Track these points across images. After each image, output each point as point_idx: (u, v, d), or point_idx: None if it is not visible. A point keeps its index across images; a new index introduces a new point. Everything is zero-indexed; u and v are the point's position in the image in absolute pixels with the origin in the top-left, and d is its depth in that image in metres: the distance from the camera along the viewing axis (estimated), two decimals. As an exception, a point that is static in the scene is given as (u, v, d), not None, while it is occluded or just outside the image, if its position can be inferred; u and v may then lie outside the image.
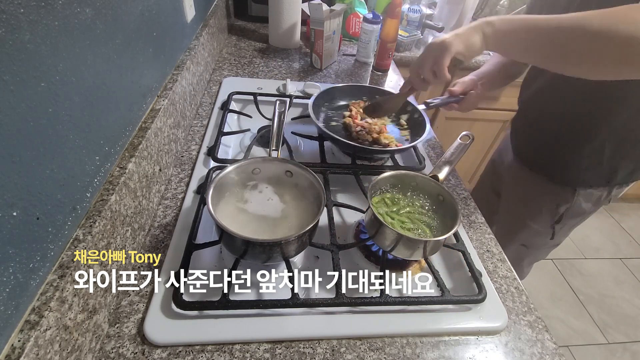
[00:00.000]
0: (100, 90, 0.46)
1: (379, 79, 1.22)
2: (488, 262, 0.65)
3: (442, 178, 0.63)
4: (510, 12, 1.92)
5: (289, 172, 0.61)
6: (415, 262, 0.62)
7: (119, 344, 0.46)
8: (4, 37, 0.30)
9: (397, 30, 1.17)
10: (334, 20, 1.14)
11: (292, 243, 0.51)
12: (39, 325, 0.34)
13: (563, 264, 1.98)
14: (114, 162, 0.51)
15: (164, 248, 0.58)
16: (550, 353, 0.53)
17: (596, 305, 1.79)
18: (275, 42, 1.29)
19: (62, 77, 0.38)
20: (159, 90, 0.69)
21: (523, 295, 0.60)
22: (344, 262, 0.60)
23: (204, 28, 0.98)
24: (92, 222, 0.43)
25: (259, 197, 0.59)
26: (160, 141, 0.64)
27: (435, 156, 0.89)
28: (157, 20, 0.66)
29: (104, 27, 0.46)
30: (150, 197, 0.60)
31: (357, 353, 0.50)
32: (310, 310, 0.52)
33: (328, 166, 0.76)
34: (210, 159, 0.73)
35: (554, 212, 0.90)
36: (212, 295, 0.51)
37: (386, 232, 0.54)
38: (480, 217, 0.74)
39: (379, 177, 0.61)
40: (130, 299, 0.51)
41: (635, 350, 1.62)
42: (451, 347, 0.52)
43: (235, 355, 0.47)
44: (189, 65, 0.81)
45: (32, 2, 0.33)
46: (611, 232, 2.23)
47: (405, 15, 1.47)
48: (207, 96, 0.97)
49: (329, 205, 0.67)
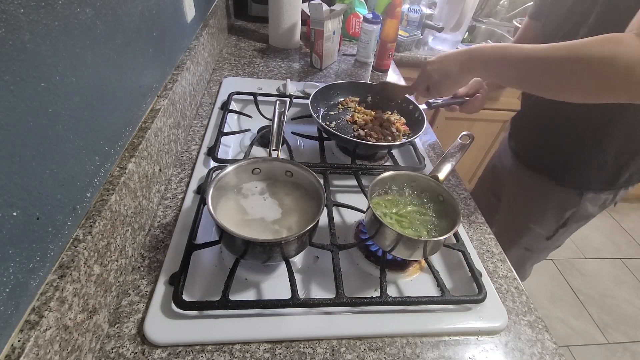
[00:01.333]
0: (100, 90, 0.46)
1: (378, 79, 1.22)
2: (488, 262, 0.65)
3: (442, 178, 0.63)
4: (510, 12, 1.93)
5: (289, 172, 0.61)
6: (415, 262, 0.62)
7: (119, 344, 0.46)
8: (4, 37, 0.30)
9: (397, 30, 1.17)
10: (334, 20, 1.14)
11: (292, 243, 0.51)
12: (39, 325, 0.34)
13: (563, 264, 1.98)
14: (114, 162, 0.51)
15: (164, 248, 0.58)
16: (550, 353, 0.53)
17: (596, 305, 1.79)
18: (275, 42, 1.29)
19: (62, 77, 0.38)
20: (159, 90, 0.69)
21: (523, 295, 0.60)
22: (344, 262, 0.60)
23: (204, 28, 0.99)
24: (92, 222, 0.43)
25: (259, 197, 0.59)
26: (160, 141, 0.64)
27: (435, 156, 0.89)
28: (157, 20, 0.66)
29: (104, 27, 0.46)
30: (150, 197, 0.60)
31: (357, 353, 0.50)
32: (310, 310, 0.52)
33: (328, 166, 0.76)
34: (210, 159, 0.73)
35: (560, 216, 0.88)
36: (212, 295, 0.51)
37: (386, 232, 0.54)
38: (480, 217, 0.74)
39: (379, 177, 0.61)
40: (130, 299, 0.51)
41: (635, 350, 1.62)
42: (451, 347, 0.52)
43: (235, 355, 0.47)
44: (189, 65, 0.81)
45: (32, 2, 0.33)
46: (611, 232, 2.23)
47: (405, 15, 1.47)
48: (207, 96, 0.97)
49: (329, 205, 0.67)
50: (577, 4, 0.71)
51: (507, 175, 1.01)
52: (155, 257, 0.56)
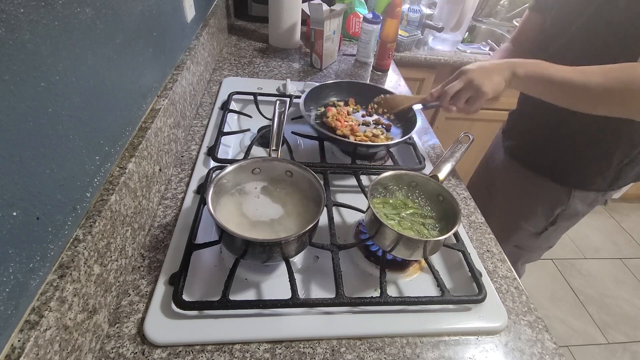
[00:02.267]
0: (100, 90, 0.46)
1: (379, 79, 1.22)
2: (488, 262, 0.65)
3: (442, 178, 0.63)
4: (510, 12, 1.93)
5: (289, 172, 0.61)
6: (415, 262, 0.62)
7: (119, 344, 0.46)
8: (4, 37, 0.30)
9: (397, 30, 1.17)
10: (334, 20, 1.14)
11: (292, 243, 0.51)
12: (39, 325, 0.34)
13: (563, 264, 1.98)
14: (114, 162, 0.51)
15: (164, 248, 0.58)
16: (550, 353, 0.53)
17: (596, 305, 1.79)
18: (275, 42, 1.29)
19: (62, 77, 0.38)
20: (159, 90, 0.69)
21: (523, 295, 0.60)
22: (344, 262, 0.60)
23: (204, 28, 0.99)
24: (92, 222, 0.43)
25: (259, 197, 0.59)
26: (160, 141, 0.64)
27: (435, 156, 0.89)
28: (157, 20, 0.66)
29: (104, 27, 0.46)
30: (150, 197, 0.60)
31: (357, 353, 0.50)
32: (310, 310, 0.52)
33: (328, 166, 0.76)
34: (210, 159, 0.73)
35: (549, 213, 0.90)
36: (212, 295, 0.51)
37: (386, 232, 0.54)
38: (480, 217, 0.74)
39: (379, 177, 0.61)
40: (130, 299, 0.51)
41: (635, 350, 1.62)
42: (451, 347, 0.52)
43: (235, 355, 0.47)
44: (189, 65, 0.81)
45: (32, 2, 0.33)
46: (611, 232, 2.23)
47: (405, 15, 1.47)
48: (207, 96, 0.97)
49: (329, 205, 0.67)
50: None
51: (499, 172, 1.02)
52: (155, 257, 0.56)
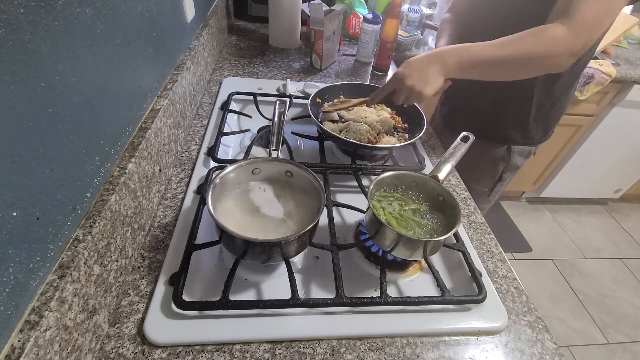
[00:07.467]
0: (100, 90, 0.46)
1: (379, 79, 1.22)
2: (488, 262, 0.65)
3: (442, 178, 0.63)
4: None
5: (289, 172, 0.61)
6: (415, 262, 0.62)
7: (119, 344, 0.46)
8: (4, 37, 0.30)
9: (397, 30, 1.17)
10: (334, 20, 1.14)
11: (292, 243, 0.51)
12: (39, 325, 0.34)
13: (563, 264, 1.98)
14: (114, 162, 0.51)
15: (164, 248, 0.58)
16: (550, 353, 0.53)
17: (596, 305, 1.79)
18: (275, 42, 1.29)
19: (62, 77, 0.38)
20: (159, 90, 0.69)
21: (523, 295, 0.60)
22: (344, 262, 0.60)
23: (204, 28, 0.99)
24: (92, 222, 0.43)
25: (259, 197, 0.59)
26: (160, 141, 0.64)
27: (435, 156, 0.89)
28: (157, 21, 0.66)
29: (104, 27, 0.46)
30: (150, 197, 0.60)
31: (357, 353, 0.50)
32: (310, 311, 0.52)
33: (328, 166, 0.76)
34: (210, 159, 0.73)
35: (494, 171, 1.03)
36: (212, 296, 0.51)
37: (386, 232, 0.54)
38: (481, 217, 0.74)
39: (379, 177, 0.61)
40: (130, 299, 0.51)
41: (635, 350, 1.62)
42: (451, 347, 0.52)
43: (235, 355, 0.47)
44: (189, 65, 0.81)
45: (32, 2, 0.33)
46: (611, 232, 2.23)
47: (405, 15, 1.47)
48: (207, 96, 0.97)
49: (329, 205, 0.67)
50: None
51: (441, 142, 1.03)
52: (155, 257, 0.56)
